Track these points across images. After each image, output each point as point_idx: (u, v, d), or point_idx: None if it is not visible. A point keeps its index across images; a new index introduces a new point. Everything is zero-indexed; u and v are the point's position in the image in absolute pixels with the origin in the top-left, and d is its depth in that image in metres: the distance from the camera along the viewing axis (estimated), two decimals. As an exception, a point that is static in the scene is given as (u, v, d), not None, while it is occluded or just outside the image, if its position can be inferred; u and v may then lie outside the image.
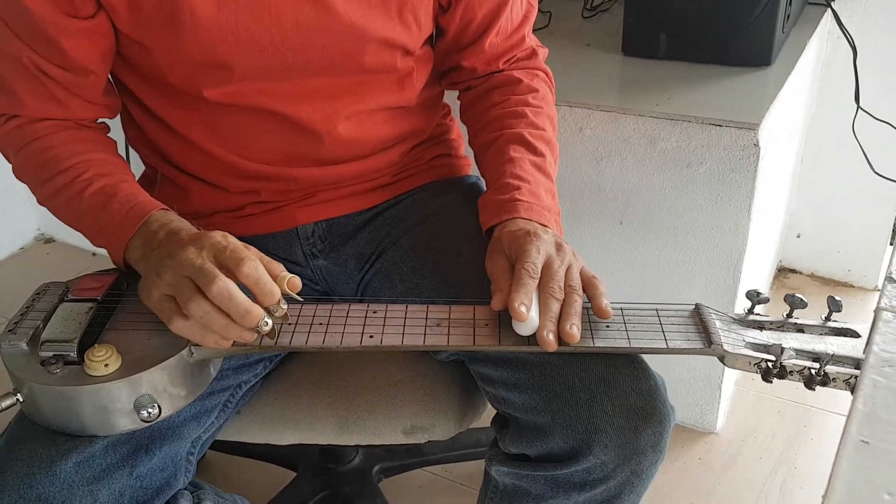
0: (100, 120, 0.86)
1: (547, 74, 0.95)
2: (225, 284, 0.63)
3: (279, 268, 0.68)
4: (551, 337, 0.67)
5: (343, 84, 0.84)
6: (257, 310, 0.65)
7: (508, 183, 0.81)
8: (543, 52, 0.96)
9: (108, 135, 0.86)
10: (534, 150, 0.85)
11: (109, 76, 0.84)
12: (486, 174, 0.87)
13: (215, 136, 0.84)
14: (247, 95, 0.81)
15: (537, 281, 0.69)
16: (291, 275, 0.68)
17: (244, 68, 0.79)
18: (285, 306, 0.67)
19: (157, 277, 0.66)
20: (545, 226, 0.77)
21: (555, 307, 0.68)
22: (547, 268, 0.71)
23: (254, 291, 0.65)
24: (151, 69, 0.81)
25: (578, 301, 0.70)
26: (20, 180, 0.83)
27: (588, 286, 0.73)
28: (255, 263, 0.65)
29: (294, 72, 0.81)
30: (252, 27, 0.77)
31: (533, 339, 0.70)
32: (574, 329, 0.68)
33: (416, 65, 0.88)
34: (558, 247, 0.73)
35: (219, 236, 0.67)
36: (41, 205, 0.82)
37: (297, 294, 0.68)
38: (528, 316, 0.67)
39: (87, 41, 0.77)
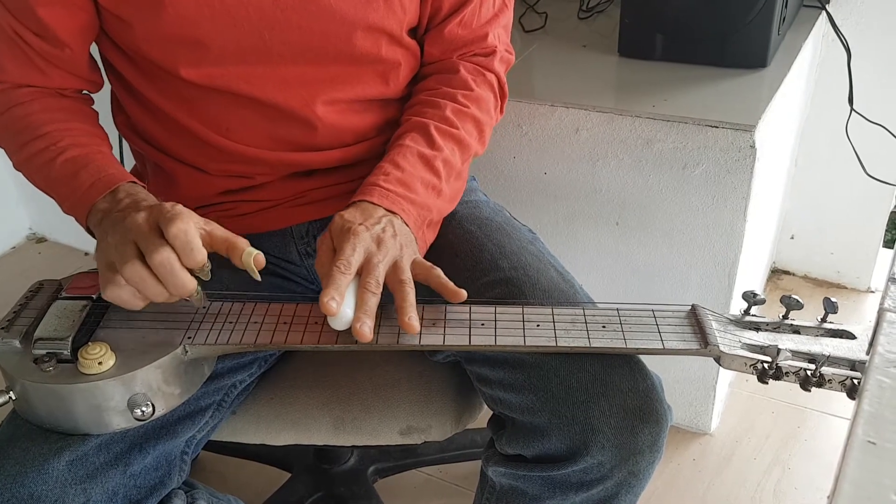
0: (84, 92, 0.87)
1: (498, 79, 0.92)
2: (168, 256, 0.64)
3: (244, 243, 0.69)
4: (365, 329, 0.67)
5: (324, 74, 0.83)
6: (193, 284, 0.67)
7: (381, 166, 0.81)
8: (507, 58, 0.94)
9: (93, 107, 0.87)
10: (431, 143, 0.83)
11: (91, 53, 0.84)
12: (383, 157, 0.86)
13: (198, 118, 0.84)
14: (226, 79, 0.81)
15: (350, 277, 0.69)
16: (257, 251, 0.68)
17: (220, 47, 0.79)
18: (209, 267, 0.68)
19: (105, 241, 0.68)
20: (393, 213, 0.77)
21: (370, 301, 0.69)
22: (365, 264, 0.71)
23: (179, 253, 0.65)
24: (132, 45, 0.81)
25: (411, 293, 0.70)
26: None
27: (427, 276, 0.73)
28: (185, 226, 0.65)
29: (272, 55, 0.80)
30: (228, 1, 0.76)
31: (538, 338, 0.70)
32: (412, 321, 0.68)
33: (402, 59, 0.87)
34: (379, 242, 0.72)
35: (168, 205, 0.67)
36: (17, 169, 0.83)
37: (260, 274, 0.69)
38: (340, 311, 0.67)
39: (64, 12, 0.78)
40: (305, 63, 0.82)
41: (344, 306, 0.68)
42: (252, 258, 0.68)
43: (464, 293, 0.72)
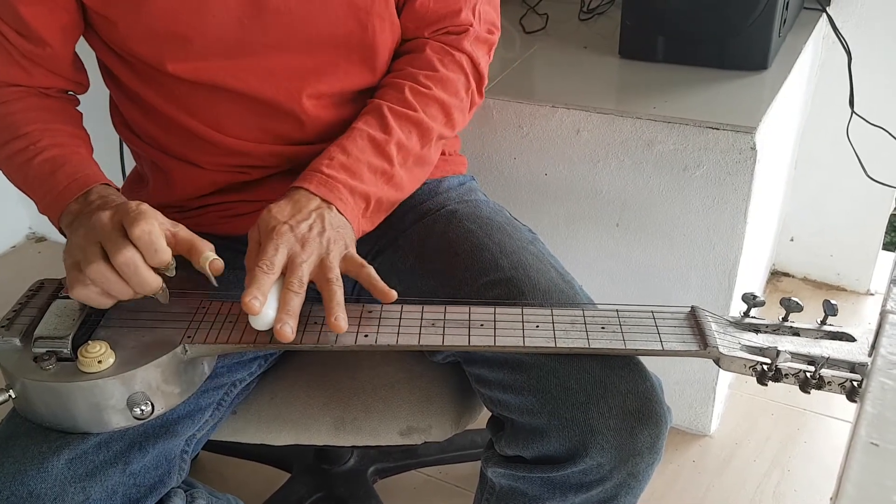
0: (70, 93, 0.87)
1: (471, 59, 0.88)
2: (132, 255, 0.65)
3: (205, 247, 0.68)
4: (286, 329, 0.67)
5: (309, 63, 0.82)
6: (158, 282, 0.67)
7: (329, 150, 0.80)
8: (485, 38, 0.90)
9: (78, 108, 0.87)
10: (383, 127, 0.82)
11: (76, 54, 0.85)
12: None
13: (189, 113, 0.84)
14: (211, 73, 0.81)
15: (273, 277, 0.69)
16: (216, 257, 0.68)
17: (203, 39, 0.79)
18: (173, 265, 0.68)
19: (71, 239, 0.68)
20: (329, 203, 0.76)
21: (293, 301, 0.68)
22: (289, 263, 0.70)
23: (144, 253, 0.66)
24: (120, 44, 0.81)
25: (338, 292, 0.69)
26: None
27: (357, 274, 0.73)
28: (149, 227, 0.65)
29: (255, 45, 0.80)
30: None
31: (537, 339, 0.70)
32: (339, 320, 0.68)
33: (389, 40, 0.85)
34: (303, 242, 0.71)
35: (133, 204, 0.67)
36: None
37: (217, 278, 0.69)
38: (262, 311, 0.67)
39: (46, 11, 0.78)
40: (289, 51, 0.81)
41: (266, 307, 0.68)
42: (208, 263, 0.68)
43: (394, 294, 0.71)
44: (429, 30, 0.88)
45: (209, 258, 0.68)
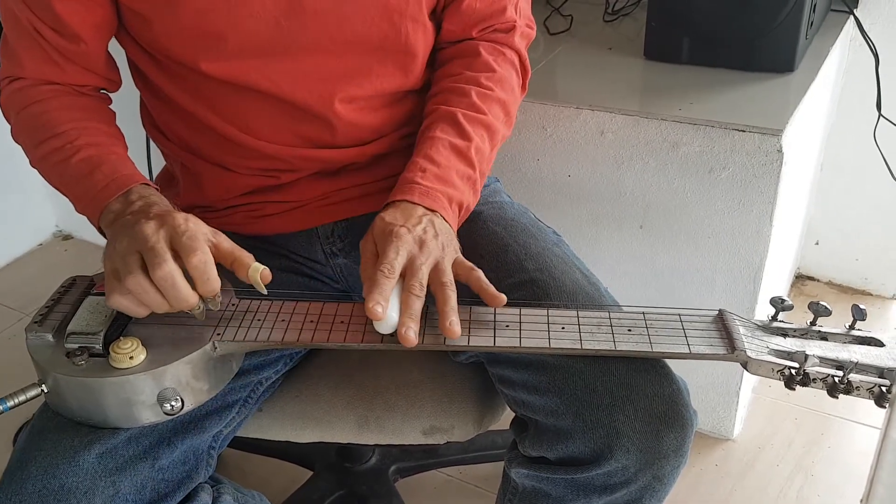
0: (102, 91, 0.88)
1: (519, 56, 0.90)
2: (170, 270, 0.65)
3: (249, 258, 0.69)
4: (410, 333, 0.67)
5: (343, 66, 0.83)
6: (194, 299, 0.67)
7: (416, 162, 0.80)
8: (527, 33, 0.92)
9: (111, 107, 0.88)
10: (461, 133, 0.82)
11: (109, 52, 0.85)
12: (414, 150, 0.85)
13: (220, 115, 0.85)
14: (244, 73, 0.81)
15: (394, 280, 0.69)
16: (264, 267, 0.69)
17: (238, 38, 0.79)
18: (220, 299, 0.69)
19: (113, 246, 0.68)
20: (434, 211, 0.76)
21: (415, 305, 0.69)
22: (409, 266, 0.71)
23: (196, 282, 0.66)
24: (153, 42, 0.82)
25: (452, 297, 0.70)
26: (16, 142, 0.85)
27: (468, 277, 0.73)
28: (206, 257, 0.66)
29: (290, 46, 0.80)
30: None
31: (563, 340, 0.70)
32: (453, 325, 0.68)
33: (422, 45, 0.86)
34: (421, 244, 0.72)
35: (181, 219, 0.67)
36: (33, 167, 0.83)
37: (266, 288, 0.69)
38: (387, 315, 0.67)
39: (80, 7, 0.79)
40: (324, 53, 0.82)
41: (390, 310, 0.68)
42: (259, 273, 0.68)
43: (503, 298, 0.72)
44: (476, 29, 0.89)
45: (258, 269, 0.68)
